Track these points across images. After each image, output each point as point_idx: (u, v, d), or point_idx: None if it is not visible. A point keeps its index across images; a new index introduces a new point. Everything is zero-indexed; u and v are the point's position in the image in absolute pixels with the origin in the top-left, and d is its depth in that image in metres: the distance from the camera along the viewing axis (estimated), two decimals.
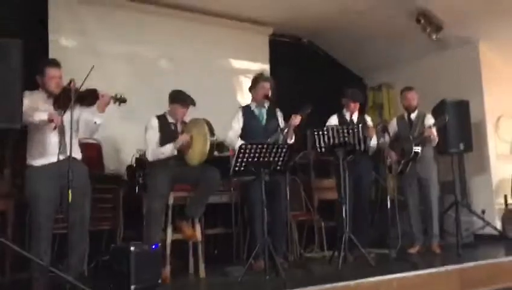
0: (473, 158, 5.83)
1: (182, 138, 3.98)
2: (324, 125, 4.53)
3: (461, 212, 5.30)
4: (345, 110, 4.86)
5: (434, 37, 5.89)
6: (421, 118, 4.97)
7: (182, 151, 4.02)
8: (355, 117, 4.83)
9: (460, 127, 5.29)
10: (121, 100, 3.64)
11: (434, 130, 4.76)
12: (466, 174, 5.93)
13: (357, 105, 4.84)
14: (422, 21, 5.84)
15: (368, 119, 4.94)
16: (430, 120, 4.91)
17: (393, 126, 5.14)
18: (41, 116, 3.35)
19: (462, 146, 5.38)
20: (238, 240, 4.72)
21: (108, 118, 3.71)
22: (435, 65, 6.36)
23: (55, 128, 3.37)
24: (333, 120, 4.80)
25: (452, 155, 5.34)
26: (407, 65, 6.69)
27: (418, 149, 4.78)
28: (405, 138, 4.93)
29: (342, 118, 4.82)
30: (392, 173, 5.06)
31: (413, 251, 4.86)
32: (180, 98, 4.10)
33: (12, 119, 3.07)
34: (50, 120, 3.34)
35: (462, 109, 5.43)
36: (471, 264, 3.93)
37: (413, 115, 5.02)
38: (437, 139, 4.83)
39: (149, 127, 4.08)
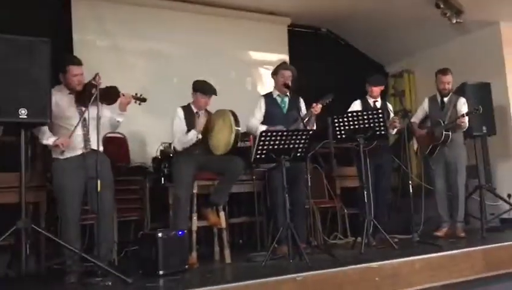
0: (496, 142, 5.76)
1: (200, 121, 4.07)
2: (346, 113, 4.55)
3: (486, 196, 5.26)
4: (368, 96, 4.89)
5: (454, 21, 5.83)
6: (454, 101, 4.89)
7: (206, 141, 4.11)
8: (378, 103, 4.86)
9: (483, 110, 5.20)
10: (141, 99, 3.76)
11: (466, 119, 4.70)
12: (490, 158, 5.86)
13: (378, 90, 4.86)
14: (442, 5, 5.77)
15: (390, 106, 4.96)
16: (463, 107, 4.83)
17: (424, 106, 5.12)
18: (49, 141, 3.51)
19: (485, 129, 5.32)
20: (261, 229, 4.80)
21: (133, 113, 3.85)
22: (456, 49, 6.29)
23: (62, 152, 3.50)
24: (356, 105, 4.82)
25: (475, 139, 5.30)
26: (428, 51, 6.65)
27: (448, 133, 4.77)
28: (436, 121, 4.91)
29: (365, 104, 4.84)
30: (418, 154, 5.06)
31: (440, 233, 4.82)
32: (200, 87, 4.20)
33: (42, 114, 3.21)
34: (55, 146, 3.48)
35: (483, 91, 5.37)
36: (495, 245, 3.90)
37: (446, 98, 4.96)
38: (467, 126, 4.79)
39: (175, 117, 4.18)
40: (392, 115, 4.93)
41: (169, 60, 5.79)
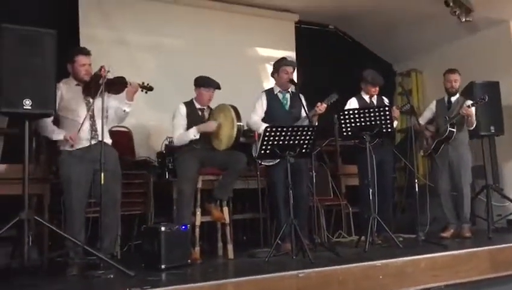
0: (505, 142, 5.69)
1: (209, 125, 4.06)
2: (353, 109, 4.50)
3: (493, 197, 5.21)
4: (363, 93, 4.83)
5: (463, 19, 5.76)
6: (461, 102, 4.84)
7: (208, 137, 4.10)
8: (374, 99, 4.81)
9: (491, 109, 5.17)
10: (148, 88, 3.75)
11: (473, 110, 4.65)
12: (498, 158, 5.80)
13: (377, 89, 4.80)
14: (451, 4, 5.71)
15: (386, 101, 4.89)
16: (469, 102, 4.79)
17: (432, 107, 5.09)
18: (58, 136, 3.53)
19: (493, 129, 5.26)
20: (265, 225, 4.78)
21: (138, 107, 3.85)
22: (465, 48, 6.23)
23: (72, 146, 3.51)
24: (353, 103, 4.77)
25: (482, 138, 5.25)
26: (436, 49, 6.59)
27: (453, 129, 4.72)
28: (441, 118, 4.88)
29: (361, 101, 4.79)
30: (424, 153, 5.03)
31: (446, 234, 4.77)
32: (203, 82, 4.19)
33: (47, 105, 3.21)
34: (66, 140, 3.51)
35: (492, 90, 5.30)
36: (501, 246, 3.86)
37: (453, 98, 4.93)
38: (475, 122, 4.75)
39: (177, 113, 4.18)
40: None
41: (176, 55, 5.77)
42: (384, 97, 4.97)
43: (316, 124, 4.32)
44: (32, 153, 3.91)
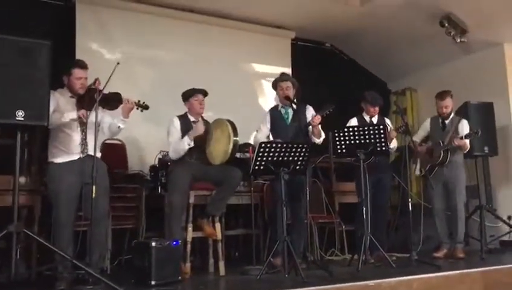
0: (498, 162, 5.72)
1: (197, 128, 4.04)
2: (347, 127, 4.50)
3: (486, 217, 5.21)
4: (364, 113, 4.86)
5: (458, 40, 5.83)
6: (455, 123, 4.86)
7: (201, 144, 4.06)
8: (375, 120, 4.82)
9: (485, 130, 5.18)
10: (143, 107, 3.74)
11: (467, 142, 4.67)
12: (491, 179, 5.81)
13: (377, 110, 4.82)
14: (447, 24, 5.78)
15: (388, 122, 4.91)
16: (464, 129, 4.79)
17: (426, 126, 5.11)
18: (70, 116, 3.50)
19: (486, 149, 5.29)
20: (258, 242, 4.73)
21: (132, 120, 3.81)
22: (460, 69, 6.29)
23: (83, 124, 3.50)
24: (353, 123, 4.79)
25: (476, 159, 5.26)
26: (431, 69, 6.65)
27: (447, 154, 4.73)
28: (436, 142, 4.88)
29: (362, 121, 4.81)
30: (417, 173, 5.02)
31: (439, 254, 4.76)
32: (189, 93, 4.21)
33: (40, 116, 3.17)
34: (79, 117, 3.49)
35: (486, 111, 5.34)
36: (494, 267, 3.84)
37: (447, 120, 4.93)
38: (468, 147, 4.76)
39: (171, 126, 4.17)
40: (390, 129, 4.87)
41: (171, 69, 5.78)
42: (386, 118, 4.97)
43: (322, 133, 4.31)
44: (23, 164, 3.86)
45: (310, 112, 4.44)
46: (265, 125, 4.46)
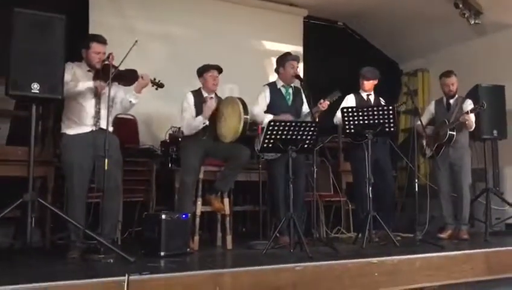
0: (507, 146, 5.69)
1: (209, 105, 4.07)
2: (357, 107, 4.50)
3: (493, 200, 5.22)
4: (361, 90, 4.85)
5: (472, 21, 5.76)
6: (460, 103, 4.86)
7: (214, 123, 4.11)
8: (371, 97, 4.82)
9: (495, 113, 5.17)
10: (158, 85, 3.78)
11: (472, 116, 4.65)
12: (500, 162, 5.81)
13: (370, 83, 4.78)
14: (461, 5, 5.71)
15: (383, 102, 4.90)
16: (468, 106, 4.79)
17: (430, 109, 5.11)
18: (86, 84, 3.56)
19: (495, 132, 5.26)
20: (264, 218, 4.82)
21: (144, 95, 3.85)
22: (473, 50, 6.22)
23: (97, 97, 3.56)
24: (350, 100, 4.78)
25: (485, 141, 5.26)
26: (443, 50, 6.58)
27: (452, 132, 4.74)
28: (441, 121, 4.90)
29: (358, 98, 4.80)
30: (425, 156, 5.04)
31: (443, 235, 4.81)
32: (203, 68, 4.24)
33: (54, 89, 3.24)
34: (96, 87, 3.54)
35: (496, 94, 5.30)
36: (498, 249, 3.88)
37: (451, 100, 4.94)
38: (473, 126, 4.75)
39: (185, 102, 4.20)
40: None
41: (183, 45, 5.80)
42: (381, 98, 4.96)
43: (317, 120, 4.34)
44: (38, 136, 3.95)
45: (304, 96, 4.43)
46: (265, 100, 4.44)
